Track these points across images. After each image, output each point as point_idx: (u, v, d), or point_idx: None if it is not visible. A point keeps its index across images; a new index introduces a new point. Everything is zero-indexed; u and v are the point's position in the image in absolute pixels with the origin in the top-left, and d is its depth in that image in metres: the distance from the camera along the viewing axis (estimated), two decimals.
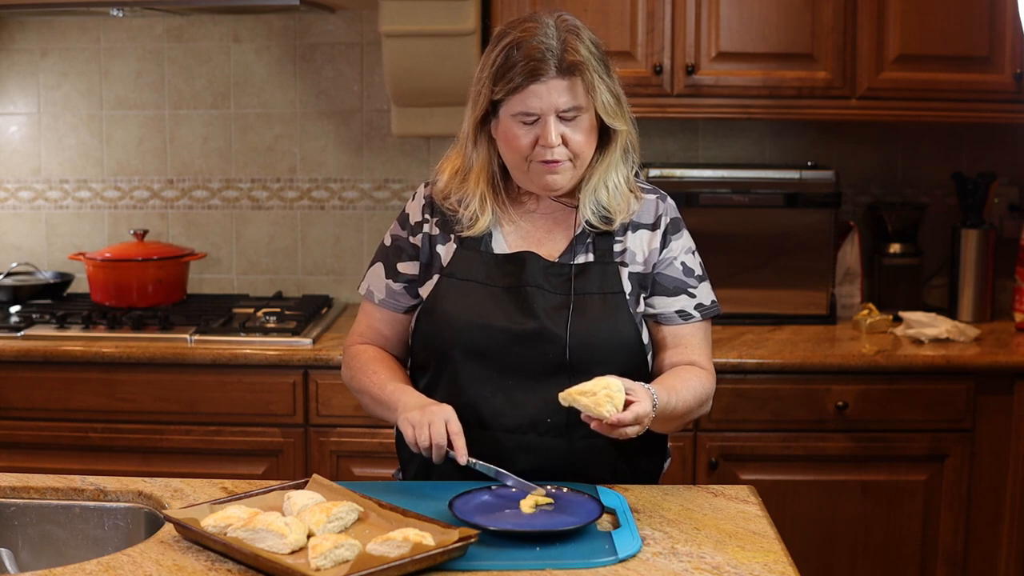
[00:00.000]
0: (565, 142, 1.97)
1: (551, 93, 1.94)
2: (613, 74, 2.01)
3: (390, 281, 2.12)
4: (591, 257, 2.04)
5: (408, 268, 2.10)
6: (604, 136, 2.03)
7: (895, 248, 3.54)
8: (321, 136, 3.71)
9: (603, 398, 1.79)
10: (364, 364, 2.10)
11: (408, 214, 2.13)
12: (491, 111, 2.01)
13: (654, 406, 1.87)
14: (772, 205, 3.35)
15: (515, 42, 1.96)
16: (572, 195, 2.07)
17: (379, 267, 2.14)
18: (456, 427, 1.90)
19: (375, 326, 2.15)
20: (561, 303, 2.00)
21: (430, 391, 2.05)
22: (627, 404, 1.82)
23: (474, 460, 1.89)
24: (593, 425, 1.82)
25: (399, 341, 2.15)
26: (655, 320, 2.08)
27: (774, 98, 3.27)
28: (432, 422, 1.89)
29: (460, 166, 2.08)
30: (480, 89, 2.00)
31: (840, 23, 3.23)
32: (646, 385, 1.89)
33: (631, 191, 2.07)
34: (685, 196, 3.28)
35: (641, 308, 2.06)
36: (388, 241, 2.15)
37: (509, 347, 1.98)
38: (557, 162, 1.98)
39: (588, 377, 1.85)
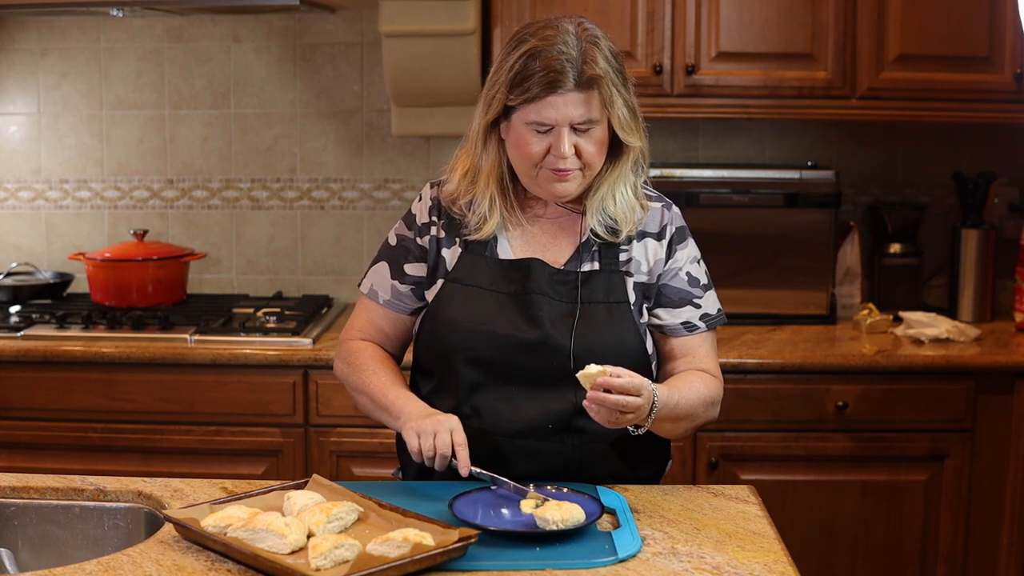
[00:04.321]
0: (577, 153, 1.94)
1: (567, 105, 1.91)
2: (630, 85, 1.98)
3: (396, 282, 2.09)
4: (597, 265, 2.03)
5: (415, 270, 2.08)
6: (615, 146, 2.00)
7: (895, 248, 3.54)
8: (321, 136, 3.71)
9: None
10: (364, 363, 2.08)
11: (415, 215, 2.11)
12: (503, 115, 1.98)
13: (655, 401, 1.87)
14: (772, 205, 3.35)
15: (534, 50, 1.92)
16: (579, 200, 2.05)
17: (383, 266, 2.11)
18: (461, 438, 1.89)
19: (376, 323, 2.12)
20: (566, 311, 1.99)
21: (433, 394, 2.05)
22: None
23: (477, 469, 1.89)
24: (590, 406, 1.81)
25: (399, 340, 2.14)
26: (660, 332, 2.07)
27: (774, 98, 3.27)
28: (438, 432, 1.88)
29: (470, 167, 2.05)
30: (495, 93, 1.96)
31: (840, 23, 3.23)
32: (646, 381, 1.88)
33: (637, 200, 2.04)
34: (685, 196, 3.29)
35: (645, 318, 2.05)
36: (393, 241, 2.12)
37: (513, 355, 1.97)
38: (568, 171, 1.95)
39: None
